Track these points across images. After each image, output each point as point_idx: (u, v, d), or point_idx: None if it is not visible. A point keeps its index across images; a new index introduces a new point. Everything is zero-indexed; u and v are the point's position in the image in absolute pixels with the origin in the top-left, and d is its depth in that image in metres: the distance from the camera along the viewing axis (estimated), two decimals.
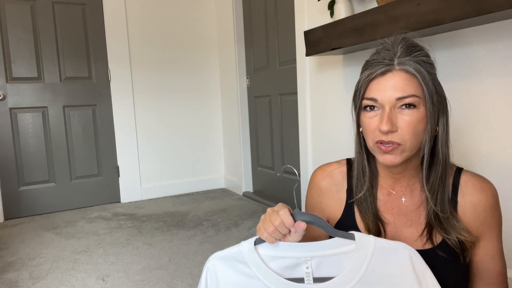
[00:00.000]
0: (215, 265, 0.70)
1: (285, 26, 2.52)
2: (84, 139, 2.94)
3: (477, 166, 1.34)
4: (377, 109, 0.73)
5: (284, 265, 0.67)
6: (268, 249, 0.68)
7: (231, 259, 0.70)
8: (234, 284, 0.69)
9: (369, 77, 0.73)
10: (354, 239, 0.65)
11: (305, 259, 0.66)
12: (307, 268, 0.66)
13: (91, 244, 2.17)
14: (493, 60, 1.28)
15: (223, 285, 0.69)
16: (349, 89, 1.94)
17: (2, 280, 1.76)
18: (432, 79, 0.72)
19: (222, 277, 0.70)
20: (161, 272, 1.78)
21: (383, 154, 0.73)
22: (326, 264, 0.66)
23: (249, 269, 0.68)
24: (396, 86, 0.70)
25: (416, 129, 0.71)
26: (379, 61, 0.72)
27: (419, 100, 0.70)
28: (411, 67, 0.70)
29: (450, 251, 0.75)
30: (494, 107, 1.30)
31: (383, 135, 0.71)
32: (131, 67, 3.02)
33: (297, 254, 0.67)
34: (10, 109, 2.70)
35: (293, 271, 0.67)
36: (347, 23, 1.60)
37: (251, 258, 0.68)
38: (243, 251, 0.69)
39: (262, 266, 0.68)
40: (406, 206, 0.80)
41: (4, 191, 2.71)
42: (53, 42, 2.79)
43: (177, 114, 3.23)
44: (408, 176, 0.79)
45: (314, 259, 0.66)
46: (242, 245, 0.70)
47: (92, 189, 2.99)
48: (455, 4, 1.17)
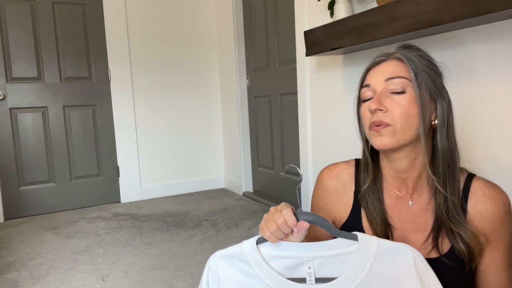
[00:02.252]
0: (216, 264, 0.70)
1: (285, 26, 2.52)
2: (84, 139, 2.94)
3: (479, 169, 1.34)
4: (372, 98, 0.76)
5: (286, 265, 0.67)
6: (270, 248, 0.68)
7: (233, 257, 0.69)
8: (236, 283, 0.68)
9: (366, 69, 0.79)
10: (357, 239, 0.65)
11: (307, 259, 0.65)
12: (309, 268, 0.65)
13: (91, 244, 2.17)
14: (493, 60, 1.28)
15: (225, 283, 0.69)
16: (349, 89, 1.94)
17: (2, 280, 1.76)
18: (427, 69, 0.74)
19: (223, 275, 0.69)
20: (161, 272, 1.78)
21: (375, 137, 0.74)
22: (329, 264, 0.65)
23: (250, 268, 0.68)
24: (386, 71, 0.75)
25: (407, 112, 0.72)
26: (376, 57, 0.79)
27: (407, 83, 0.72)
28: (401, 55, 0.75)
29: (457, 260, 0.74)
30: (494, 107, 1.30)
31: (374, 116, 0.74)
32: (131, 67, 3.02)
33: (300, 254, 0.66)
34: (10, 109, 2.70)
35: (295, 271, 0.67)
36: (347, 23, 1.60)
37: (253, 257, 0.68)
38: (245, 250, 0.69)
39: (264, 265, 0.67)
40: (413, 210, 0.78)
41: (4, 191, 2.71)
42: (53, 42, 2.79)
43: (177, 114, 3.23)
44: (415, 177, 0.78)
45: (316, 260, 0.65)
46: (244, 244, 0.69)
47: (92, 189, 2.99)
48: (455, 4, 1.17)
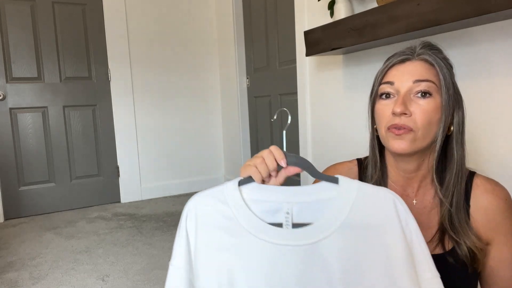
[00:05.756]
0: (196, 203, 0.68)
1: (285, 26, 2.52)
2: (84, 139, 2.94)
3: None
4: (392, 96, 0.73)
5: (265, 209, 0.65)
6: (251, 191, 0.66)
7: (213, 197, 0.67)
8: (212, 224, 0.66)
9: (388, 65, 0.75)
10: (337, 183, 0.63)
11: (287, 204, 0.64)
12: (287, 213, 0.64)
13: (91, 244, 2.17)
14: (494, 60, 1.28)
15: (202, 223, 0.66)
16: (349, 89, 1.94)
17: (2, 280, 1.76)
18: (450, 74, 0.72)
19: (201, 214, 0.67)
20: (161, 272, 1.77)
21: (394, 139, 0.72)
22: (308, 210, 0.64)
23: (229, 210, 0.65)
24: (414, 72, 0.71)
25: (430, 118, 0.70)
26: (399, 53, 0.75)
27: (435, 88, 0.70)
28: (430, 57, 0.72)
29: (459, 259, 0.74)
30: (496, 107, 1.30)
31: (396, 118, 0.71)
32: (131, 67, 3.02)
33: (280, 198, 0.65)
34: (10, 109, 2.70)
35: (273, 216, 0.65)
36: (347, 23, 1.60)
37: (232, 198, 0.65)
38: (226, 190, 0.66)
39: (243, 207, 0.65)
40: (416, 209, 0.78)
41: (4, 191, 2.71)
42: (53, 42, 2.79)
43: (177, 114, 3.23)
44: (420, 178, 0.78)
45: (296, 205, 0.64)
46: (226, 184, 0.67)
47: (92, 189, 2.99)
48: (455, 4, 1.17)
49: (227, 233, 0.64)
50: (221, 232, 0.64)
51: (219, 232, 0.64)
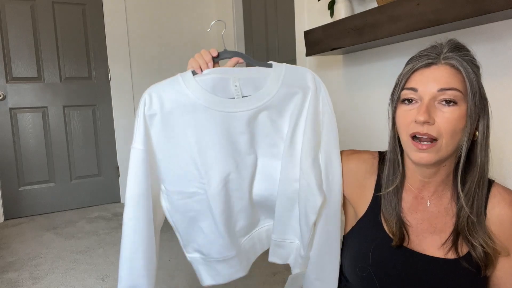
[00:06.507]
0: (151, 92, 0.77)
1: (285, 26, 2.52)
2: (84, 139, 2.94)
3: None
4: (415, 102, 0.71)
5: (216, 87, 0.78)
6: (202, 76, 0.78)
7: (169, 85, 0.78)
8: (175, 108, 0.76)
9: (412, 68, 0.71)
10: (271, 66, 0.81)
11: (233, 78, 0.78)
12: (235, 86, 0.79)
13: (91, 244, 2.17)
14: (494, 60, 1.28)
15: (165, 110, 0.76)
16: (349, 89, 1.94)
17: (2, 280, 1.76)
18: (477, 79, 0.69)
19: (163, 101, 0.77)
20: (161, 272, 1.77)
21: (416, 152, 0.70)
22: (251, 83, 0.80)
23: (187, 92, 0.77)
24: (439, 79, 0.68)
25: (455, 127, 0.68)
26: (424, 55, 0.71)
27: (461, 96, 0.67)
28: (457, 62, 0.68)
29: (473, 264, 0.72)
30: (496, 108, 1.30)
31: (418, 126, 0.68)
32: (131, 67, 3.02)
33: (226, 75, 0.79)
34: (10, 109, 2.70)
35: (224, 92, 0.78)
36: (347, 23, 1.60)
37: (189, 83, 0.77)
38: (181, 78, 0.78)
39: (198, 88, 0.77)
40: (431, 212, 0.77)
41: (4, 191, 2.71)
42: (53, 42, 2.79)
43: None
44: (437, 182, 0.76)
45: (240, 80, 0.79)
46: (180, 74, 0.79)
47: (92, 189, 2.99)
48: (455, 4, 1.17)
49: (188, 112, 0.77)
50: (183, 112, 0.77)
51: (180, 112, 0.77)
